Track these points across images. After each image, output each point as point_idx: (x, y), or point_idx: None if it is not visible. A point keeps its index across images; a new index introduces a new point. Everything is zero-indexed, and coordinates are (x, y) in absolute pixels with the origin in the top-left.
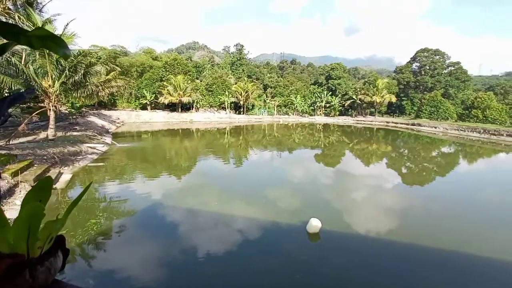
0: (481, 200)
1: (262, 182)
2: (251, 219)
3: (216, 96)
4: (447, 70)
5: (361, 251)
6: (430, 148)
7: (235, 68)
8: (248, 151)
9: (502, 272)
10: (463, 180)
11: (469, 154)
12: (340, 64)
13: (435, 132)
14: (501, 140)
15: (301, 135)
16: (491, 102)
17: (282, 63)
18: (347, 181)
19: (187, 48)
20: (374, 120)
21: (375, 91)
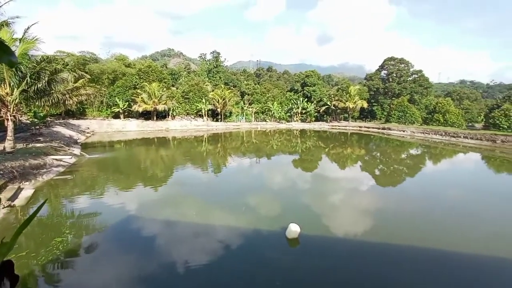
0: (447, 197)
1: (241, 189)
2: (231, 227)
3: (193, 104)
4: (411, 77)
5: (340, 254)
6: (400, 151)
7: (212, 76)
8: (226, 158)
9: (471, 264)
10: (430, 179)
11: (434, 155)
12: (315, 72)
13: (404, 135)
14: (460, 141)
15: (279, 141)
16: (450, 107)
17: (258, 71)
18: (325, 185)
19: (162, 55)
20: (348, 125)
21: (348, 97)
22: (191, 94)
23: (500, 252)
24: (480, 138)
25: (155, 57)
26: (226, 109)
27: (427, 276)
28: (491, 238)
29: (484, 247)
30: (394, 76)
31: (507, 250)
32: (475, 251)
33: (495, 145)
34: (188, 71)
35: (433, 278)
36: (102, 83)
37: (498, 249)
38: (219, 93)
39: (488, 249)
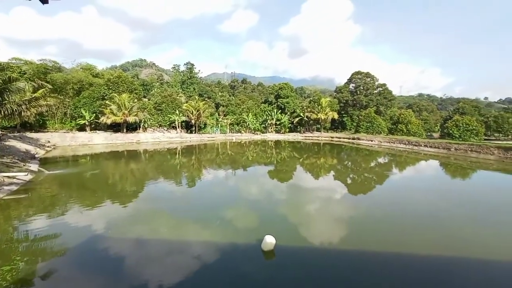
0: (414, 202)
1: (216, 202)
2: (205, 242)
3: (165, 115)
4: (377, 90)
5: (315, 263)
6: (369, 159)
7: (186, 87)
8: (201, 171)
9: (439, 267)
10: (398, 186)
11: (400, 163)
12: (288, 84)
13: (372, 144)
14: (421, 150)
15: (254, 152)
16: (411, 118)
17: (233, 82)
18: (300, 195)
19: (133, 65)
20: (320, 136)
21: (319, 109)
22: (164, 106)
23: (462, 252)
24: (437, 147)
25: (125, 68)
26: (200, 121)
27: (401, 281)
28: (453, 240)
29: (448, 248)
30: (361, 89)
31: (467, 250)
32: (443, 252)
33: (450, 152)
34: (161, 82)
35: (407, 283)
36: (66, 94)
37: (460, 250)
38: (193, 104)
39: (455, 250)
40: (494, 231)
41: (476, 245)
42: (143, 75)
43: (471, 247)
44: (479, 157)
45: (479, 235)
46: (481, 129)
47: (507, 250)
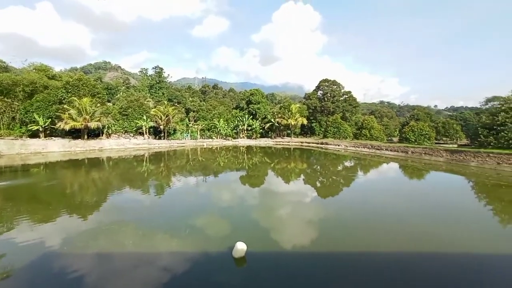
0: (378, 203)
1: (186, 210)
2: (174, 253)
3: (132, 121)
4: (343, 97)
5: (288, 267)
6: (336, 163)
7: (154, 91)
8: (170, 178)
9: (409, 264)
10: (363, 188)
11: (364, 166)
12: (259, 90)
13: (339, 149)
14: (383, 153)
15: (226, 158)
16: (374, 124)
17: (204, 88)
18: (271, 200)
19: (96, 68)
20: (291, 141)
21: (290, 115)
22: (130, 111)
23: (421, 247)
24: (397, 150)
25: (87, 70)
26: (169, 126)
27: (372, 278)
28: (413, 236)
29: (410, 243)
30: (328, 96)
31: (425, 245)
32: (406, 248)
33: (407, 155)
34: (127, 86)
35: (377, 279)
36: (15, 96)
37: (420, 245)
38: (162, 109)
39: (416, 245)
40: (446, 226)
41: (433, 240)
42: (108, 78)
43: (428, 242)
44: (431, 159)
45: (434, 230)
46: (432, 134)
47: (457, 242)
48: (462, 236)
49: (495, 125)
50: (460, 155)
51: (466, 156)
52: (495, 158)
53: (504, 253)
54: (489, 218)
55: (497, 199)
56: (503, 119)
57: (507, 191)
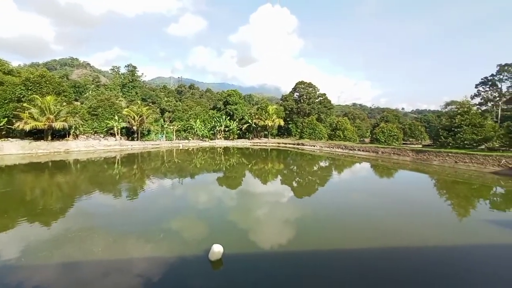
0: (351, 201)
1: (161, 214)
2: (149, 258)
3: (102, 121)
4: (318, 99)
5: (265, 267)
6: (312, 163)
7: (127, 90)
8: (144, 181)
9: (379, 259)
10: (338, 187)
11: (338, 166)
12: (236, 91)
13: (314, 149)
14: (355, 153)
15: (203, 159)
16: (347, 125)
17: (180, 87)
18: (249, 201)
19: (61, 64)
20: (268, 142)
21: (267, 116)
22: (100, 110)
23: (390, 242)
24: (368, 150)
25: (51, 66)
26: (143, 127)
27: (347, 275)
28: (383, 232)
29: (380, 240)
30: (304, 98)
31: (394, 240)
32: (376, 244)
33: (378, 155)
34: (97, 84)
35: (352, 276)
36: None
37: (389, 240)
38: (135, 109)
39: (386, 241)
40: (412, 222)
41: (400, 235)
42: (75, 76)
43: (396, 237)
44: (399, 159)
45: (402, 226)
46: (400, 135)
47: (422, 236)
48: (426, 230)
49: (453, 127)
50: (424, 154)
51: (429, 155)
52: (453, 157)
53: (462, 244)
54: (448, 212)
55: (455, 195)
56: (459, 121)
57: (463, 187)
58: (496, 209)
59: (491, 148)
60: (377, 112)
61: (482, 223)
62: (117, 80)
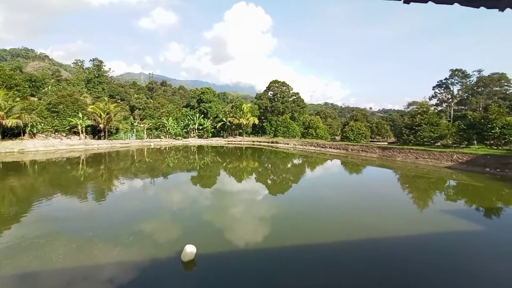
0: (324, 197)
1: (130, 216)
2: (117, 263)
3: (64, 118)
4: (291, 98)
5: (239, 265)
6: (286, 161)
7: (93, 86)
8: (112, 181)
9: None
10: (311, 183)
11: (311, 163)
12: (210, 89)
13: (288, 147)
14: (327, 151)
15: (176, 158)
16: (319, 124)
17: (151, 84)
18: (223, 199)
19: (12, 55)
20: (243, 140)
21: (241, 114)
22: (62, 107)
23: (360, 234)
24: (339, 148)
25: (0, 57)
26: (111, 125)
27: (321, 269)
28: (353, 225)
29: (351, 233)
30: (278, 96)
31: (363, 232)
32: (348, 238)
33: (348, 152)
34: (57, 78)
35: (327, 270)
36: None
37: (358, 233)
38: (101, 106)
39: (356, 233)
40: (379, 215)
41: (369, 227)
42: (31, 69)
43: (364, 229)
44: (367, 156)
45: (369, 218)
46: (368, 133)
47: (388, 228)
48: (391, 221)
49: (414, 126)
50: (389, 151)
51: (394, 152)
52: (414, 153)
53: (423, 233)
54: (410, 204)
55: (415, 188)
56: (419, 120)
57: (422, 181)
58: (449, 200)
59: (445, 145)
60: (347, 111)
61: (438, 213)
62: (81, 75)
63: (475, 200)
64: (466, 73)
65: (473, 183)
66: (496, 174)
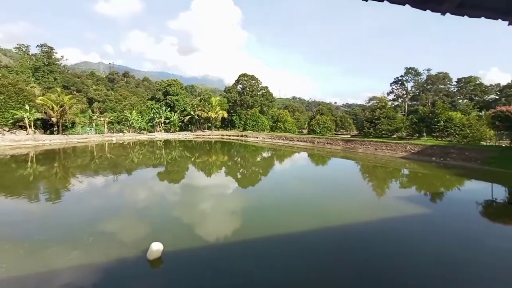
0: (291, 188)
1: (91, 215)
2: (75, 267)
3: (6, 111)
4: (260, 92)
5: (208, 261)
6: (255, 154)
7: (42, 76)
8: (68, 180)
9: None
10: (280, 175)
11: (279, 156)
12: (177, 81)
13: (257, 141)
14: (295, 144)
15: (141, 153)
16: (287, 117)
17: (112, 75)
18: (192, 194)
19: None
20: (212, 134)
21: (210, 108)
22: (3, 98)
23: (328, 223)
24: (306, 141)
25: None
26: (66, 119)
27: (290, 260)
28: (321, 215)
29: (319, 221)
30: (247, 90)
31: (331, 221)
32: (314, 226)
33: (314, 145)
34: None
35: (296, 261)
36: None
37: (326, 221)
38: (53, 98)
39: (324, 222)
40: (342, 203)
41: (334, 215)
42: None
43: (332, 218)
44: (332, 148)
45: (335, 207)
46: (333, 126)
47: (349, 216)
48: (354, 209)
49: (374, 119)
50: (351, 143)
51: (356, 144)
52: (374, 145)
53: (381, 218)
54: (370, 192)
55: (375, 178)
56: (378, 114)
57: (381, 171)
58: (403, 188)
59: (401, 137)
60: (314, 105)
61: (394, 200)
62: (26, 61)
63: (424, 186)
64: (418, 71)
65: (422, 171)
66: (440, 162)
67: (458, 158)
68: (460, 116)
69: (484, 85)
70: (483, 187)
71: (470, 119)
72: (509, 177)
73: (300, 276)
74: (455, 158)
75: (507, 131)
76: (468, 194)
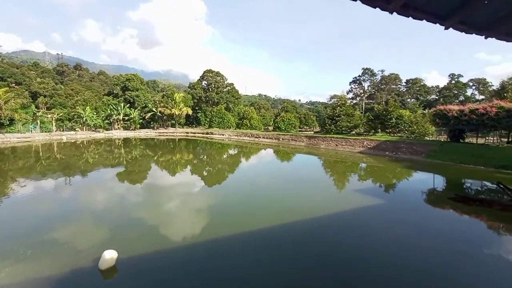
0: (258, 184)
1: (32, 225)
2: (9, 286)
3: None
4: (226, 89)
5: (168, 266)
6: (221, 152)
7: None
8: (5, 185)
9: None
10: (246, 173)
11: (245, 153)
12: (137, 75)
13: (223, 138)
14: (261, 141)
15: (97, 153)
16: (253, 115)
17: (61, 67)
18: (154, 196)
19: None
20: (176, 132)
21: (174, 104)
22: None
23: (292, 217)
24: (271, 138)
25: None
26: (1, 115)
27: (259, 257)
28: (285, 210)
29: (283, 216)
30: (213, 86)
31: (294, 215)
32: (280, 221)
33: (279, 142)
34: None
35: (265, 258)
36: None
37: (291, 216)
38: None
39: (288, 217)
40: (307, 197)
41: (299, 210)
42: None
43: (296, 212)
44: (296, 144)
45: (300, 202)
46: (297, 123)
47: (313, 210)
48: (317, 203)
49: (334, 116)
50: (314, 140)
51: (318, 140)
52: (335, 141)
53: (341, 210)
54: (332, 186)
55: (335, 172)
56: (338, 112)
57: (341, 165)
58: (360, 180)
59: (359, 133)
60: (279, 102)
61: (353, 192)
62: None
63: (378, 178)
64: (374, 72)
65: (377, 165)
66: (392, 156)
67: (407, 152)
68: (409, 114)
69: (427, 86)
70: (426, 177)
71: (416, 117)
72: (446, 167)
73: (265, 271)
74: (405, 152)
75: (444, 127)
76: (414, 184)
